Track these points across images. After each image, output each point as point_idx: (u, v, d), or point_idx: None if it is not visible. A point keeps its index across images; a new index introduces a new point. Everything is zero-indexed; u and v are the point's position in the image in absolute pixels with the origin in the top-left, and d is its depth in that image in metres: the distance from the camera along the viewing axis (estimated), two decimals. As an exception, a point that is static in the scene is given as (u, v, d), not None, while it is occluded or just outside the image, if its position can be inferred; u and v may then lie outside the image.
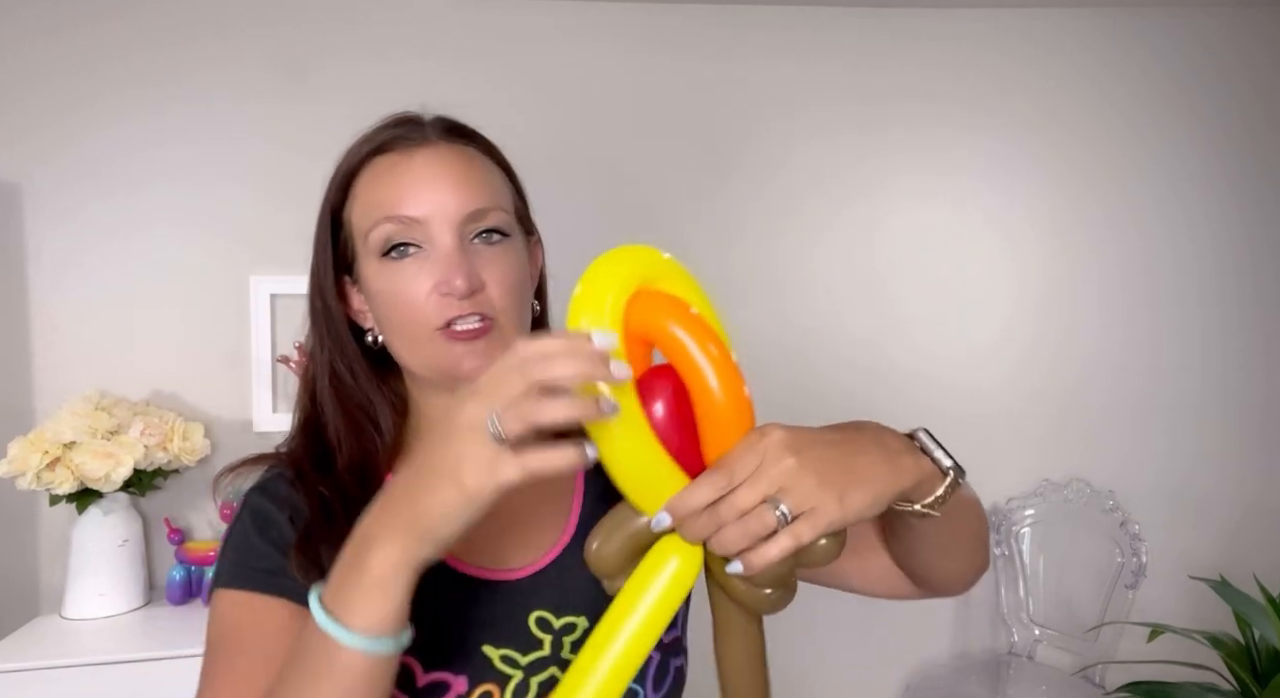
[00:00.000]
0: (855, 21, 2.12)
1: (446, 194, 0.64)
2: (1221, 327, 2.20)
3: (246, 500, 0.69)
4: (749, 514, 0.48)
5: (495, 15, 2.01)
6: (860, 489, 0.50)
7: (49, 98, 1.84)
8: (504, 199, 0.68)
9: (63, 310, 1.85)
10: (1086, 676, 1.99)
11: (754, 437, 0.50)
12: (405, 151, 0.66)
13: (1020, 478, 2.19)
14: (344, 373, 0.71)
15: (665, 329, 0.51)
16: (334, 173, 0.70)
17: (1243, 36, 2.17)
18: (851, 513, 0.49)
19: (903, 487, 0.52)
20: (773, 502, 0.48)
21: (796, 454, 0.49)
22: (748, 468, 0.49)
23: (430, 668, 0.64)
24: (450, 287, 0.62)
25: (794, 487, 0.48)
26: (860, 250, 2.16)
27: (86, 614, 1.66)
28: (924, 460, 0.54)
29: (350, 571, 0.50)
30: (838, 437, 0.52)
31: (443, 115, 0.71)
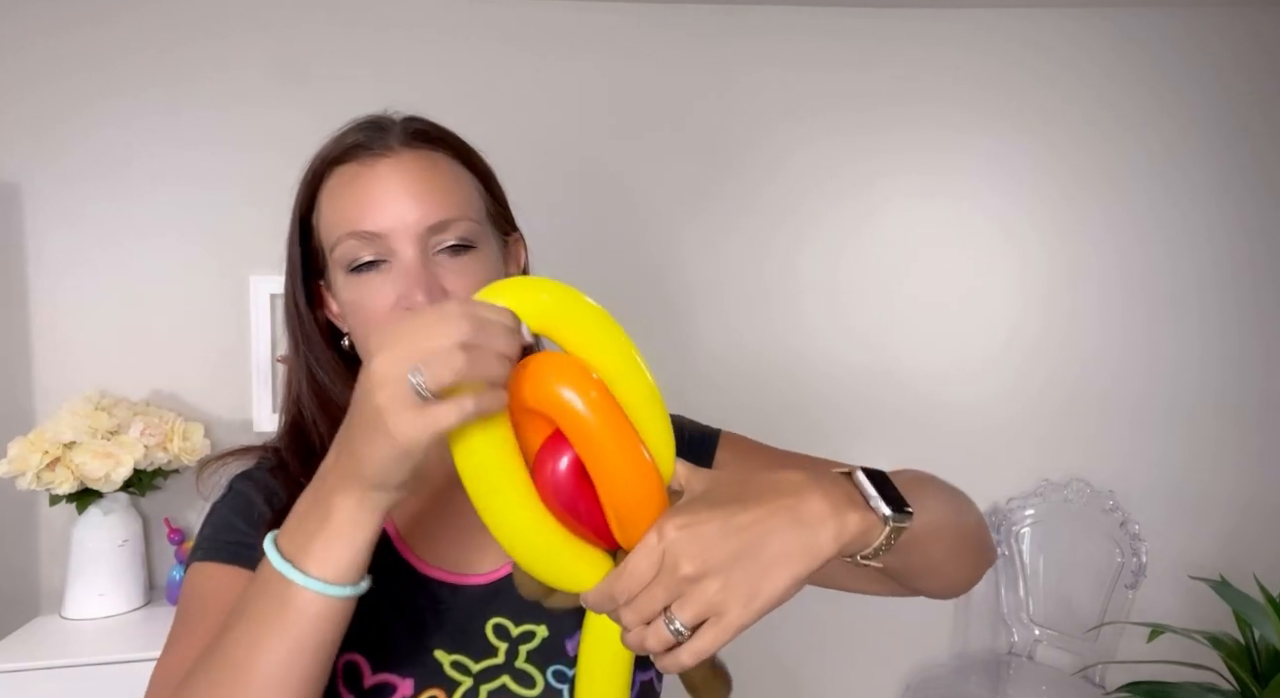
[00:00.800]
0: (853, 22, 2.12)
1: (408, 207, 0.63)
2: (1221, 327, 2.20)
3: (231, 485, 0.70)
4: (647, 625, 0.46)
5: (492, 17, 2.01)
6: (771, 580, 0.45)
7: (49, 98, 1.84)
8: (470, 207, 0.67)
9: (63, 310, 1.85)
10: (1086, 676, 1.99)
11: (653, 538, 0.46)
12: (366, 162, 0.65)
13: (1020, 478, 2.19)
14: (322, 377, 0.71)
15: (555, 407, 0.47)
16: (301, 178, 0.70)
17: (1241, 37, 2.17)
18: (764, 607, 0.45)
19: (825, 557, 0.47)
20: (668, 616, 0.45)
21: (693, 557, 0.44)
22: (641, 578, 0.45)
23: (378, 669, 0.64)
24: (411, 301, 0.62)
25: (691, 596, 0.44)
26: (859, 251, 2.16)
27: (86, 614, 1.66)
28: (852, 517, 0.48)
29: (310, 518, 0.50)
30: (746, 519, 0.46)
31: (412, 116, 0.69)
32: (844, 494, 0.49)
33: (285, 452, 0.70)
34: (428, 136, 0.68)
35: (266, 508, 0.65)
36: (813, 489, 0.48)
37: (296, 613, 0.49)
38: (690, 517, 0.46)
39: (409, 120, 0.69)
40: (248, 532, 0.64)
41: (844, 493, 0.49)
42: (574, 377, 0.47)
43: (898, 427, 2.18)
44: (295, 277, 0.71)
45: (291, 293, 0.71)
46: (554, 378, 0.47)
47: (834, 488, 0.49)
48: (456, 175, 0.67)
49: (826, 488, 0.48)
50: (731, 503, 0.47)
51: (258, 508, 0.66)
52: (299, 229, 0.70)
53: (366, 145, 0.65)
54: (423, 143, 0.67)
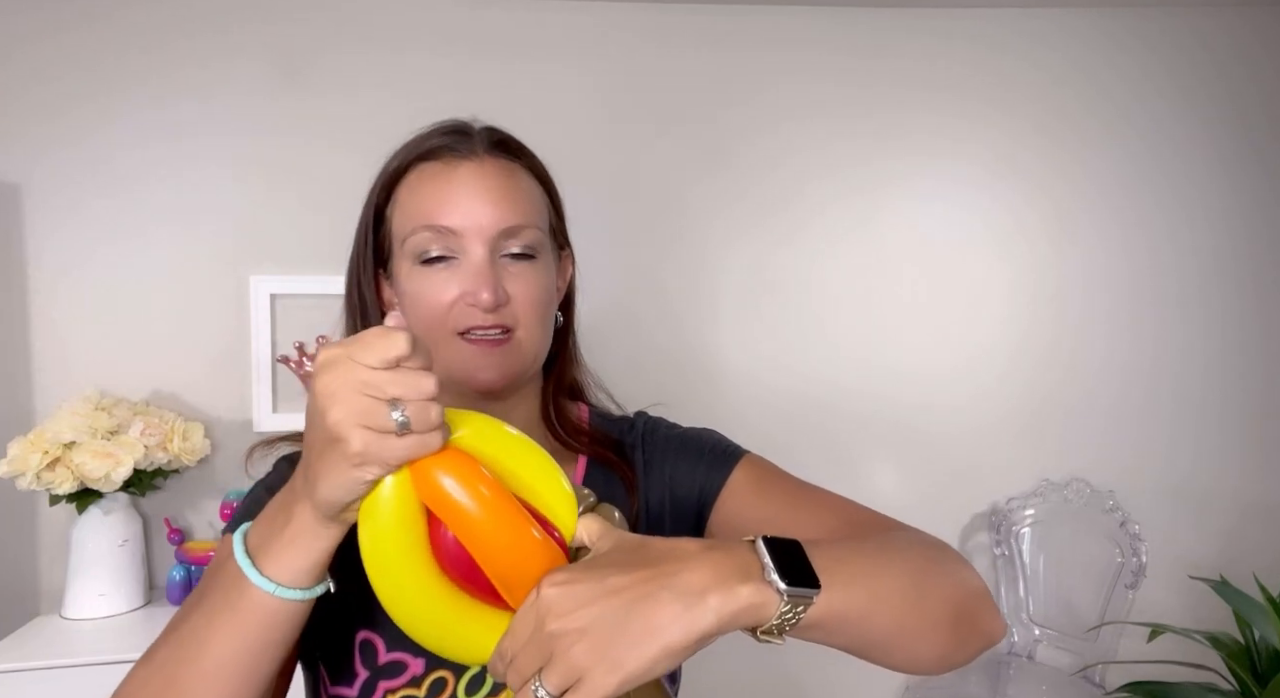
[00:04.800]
0: (855, 23, 2.12)
1: (484, 209, 0.67)
2: (1222, 326, 2.20)
3: (275, 464, 0.73)
4: (523, 687, 0.45)
5: (494, 13, 2.01)
6: (641, 648, 0.43)
7: (49, 98, 1.84)
8: (539, 217, 0.71)
9: (63, 310, 1.85)
10: (1086, 676, 1.99)
11: (531, 596, 0.45)
12: (450, 162, 0.69)
13: (1020, 478, 2.19)
14: None
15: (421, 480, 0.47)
16: (380, 171, 0.72)
17: (1244, 36, 2.17)
18: (629, 677, 0.43)
19: (703, 631, 0.44)
20: (535, 680, 0.44)
21: (559, 616, 0.43)
22: (519, 639, 0.45)
23: (393, 648, 0.66)
24: (476, 299, 0.65)
25: (557, 658, 0.43)
26: (861, 251, 2.16)
27: (86, 614, 1.66)
28: (742, 591, 0.45)
29: (275, 519, 0.51)
30: (621, 582, 0.45)
31: (493, 127, 0.73)
32: (738, 565, 0.46)
33: None
34: (508, 147, 0.72)
35: None
36: (700, 559, 0.46)
37: (247, 609, 0.50)
38: (569, 575, 0.45)
39: (491, 130, 0.73)
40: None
41: (738, 564, 0.47)
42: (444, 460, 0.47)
43: (899, 427, 2.18)
44: (363, 264, 0.73)
45: (356, 279, 0.74)
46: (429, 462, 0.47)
47: (727, 558, 0.47)
48: (530, 187, 0.71)
49: (718, 558, 0.47)
50: (613, 567, 0.46)
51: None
52: (373, 219, 0.72)
53: (451, 147, 0.69)
54: (503, 152, 0.71)
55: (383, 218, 0.72)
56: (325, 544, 0.50)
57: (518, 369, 0.69)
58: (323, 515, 0.49)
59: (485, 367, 0.67)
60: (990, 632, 0.59)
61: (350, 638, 0.66)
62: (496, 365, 0.67)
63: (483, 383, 0.68)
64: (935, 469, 2.20)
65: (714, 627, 0.45)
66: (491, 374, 0.67)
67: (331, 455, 0.45)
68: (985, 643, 0.59)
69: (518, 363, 0.69)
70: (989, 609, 0.59)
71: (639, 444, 0.77)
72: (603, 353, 0.86)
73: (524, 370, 0.71)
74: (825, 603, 0.48)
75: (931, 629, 0.55)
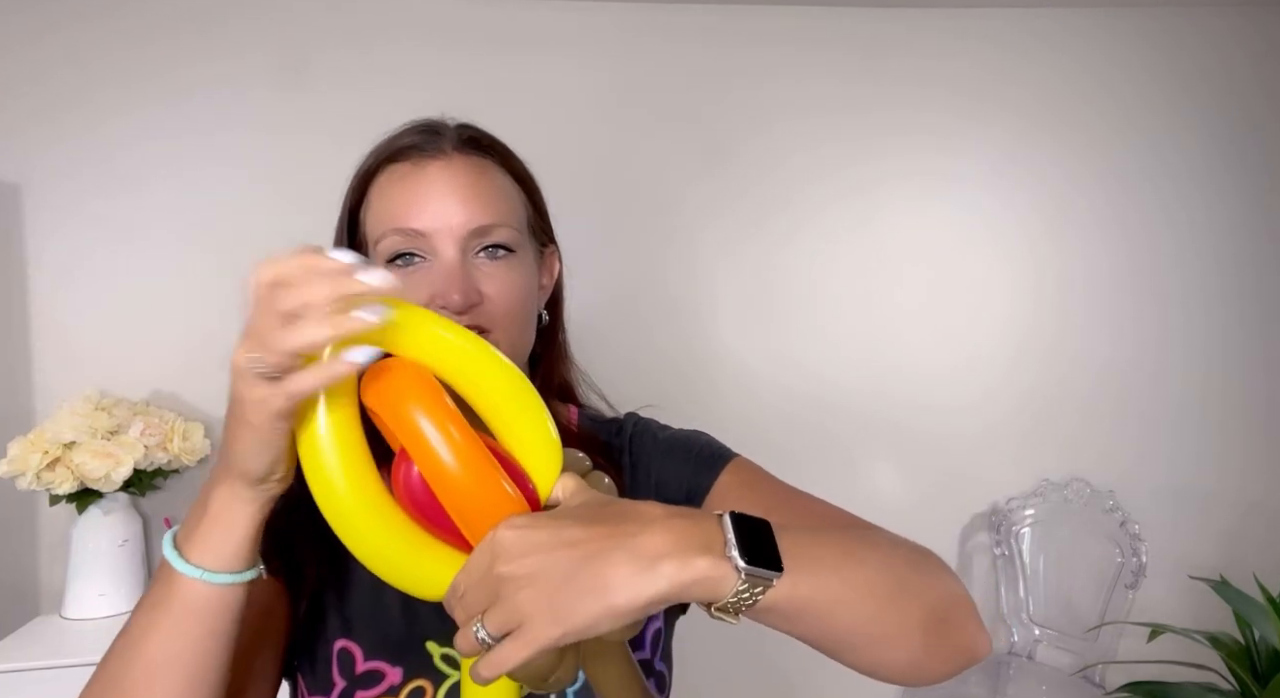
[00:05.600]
0: (854, 23, 2.12)
1: (453, 209, 0.65)
2: (1222, 326, 2.20)
3: None
4: (460, 632, 0.45)
5: (493, 13, 2.01)
6: (585, 602, 0.42)
7: (49, 98, 1.84)
8: (513, 215, 0.69)
9: (63, 310, 1.85)
10: (1086, 676, 1.99)
11: (488, 537, 0.45)
12: (418, 162, 0.67)
13: (1020, 478, 2.19)
14: None
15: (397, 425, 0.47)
16: (354, 173, 0.71)
17: (1244, 35, 2.17)
18: (571, 630, 0.42)
19: (653, 596, 0.43)
20: (477, 620, 0.44)
21: (513, 560, 0.43)
22: (472, 576, 0.45)
23: (370, 656, 0.65)
24: (446, 300, 0.63)
25: (501, 600, 0.43)
26: (861, 251, 2.16)
27: (86, 614, 1.67)
28: (700, 562, 0.44)
29: (196, 508, 0.52)
30: (577, 536, 0.44)
31: (465, 124, 0.71)
32: (700, 536, 0.45)
33: None
34: (479, 144, 0.70)
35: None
36: (662, 524, 0.45)
37: (180, 599, 0.52)
38: (527, 521, 0.45)
39: (463, 127, 0.71)
40: None
41: (701, 535, 0.45)
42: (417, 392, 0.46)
43: (899, 427, 2.18)
44: None
45: None
46: (396, 390, 0.46)
47: (691, 527, 0.46)
48: (503, 183, 0.70)
49: (681, 526, 0.45)
50: (574, 520, 0.46)
51: None
52: (348, 222, 0.71)
53: (420, 147, 0.68)
54: (474, 149, 0.69)
55: (357, 220, 0.71)
56: (246, 521, 0.51)
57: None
58: (242, 487, 0.49)
59: None
60: (970, 645, 0.56)
61: (329, 647, 0.66)
62: None
63: None
64: (935, 469, 2.20)
65: (663, 594, 0.44)
66: None
67: (234, 408, 0.47)
68: (964, 657, 0.55)
69: None
70: (970, 620, 0.56)
71: (627, 447, 0.76)
72: (601, 353, 0.86)
73: None
74: (787, 588, 0.46)
75: (900, 632, 0.52)
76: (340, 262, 0.44)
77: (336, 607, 0.66)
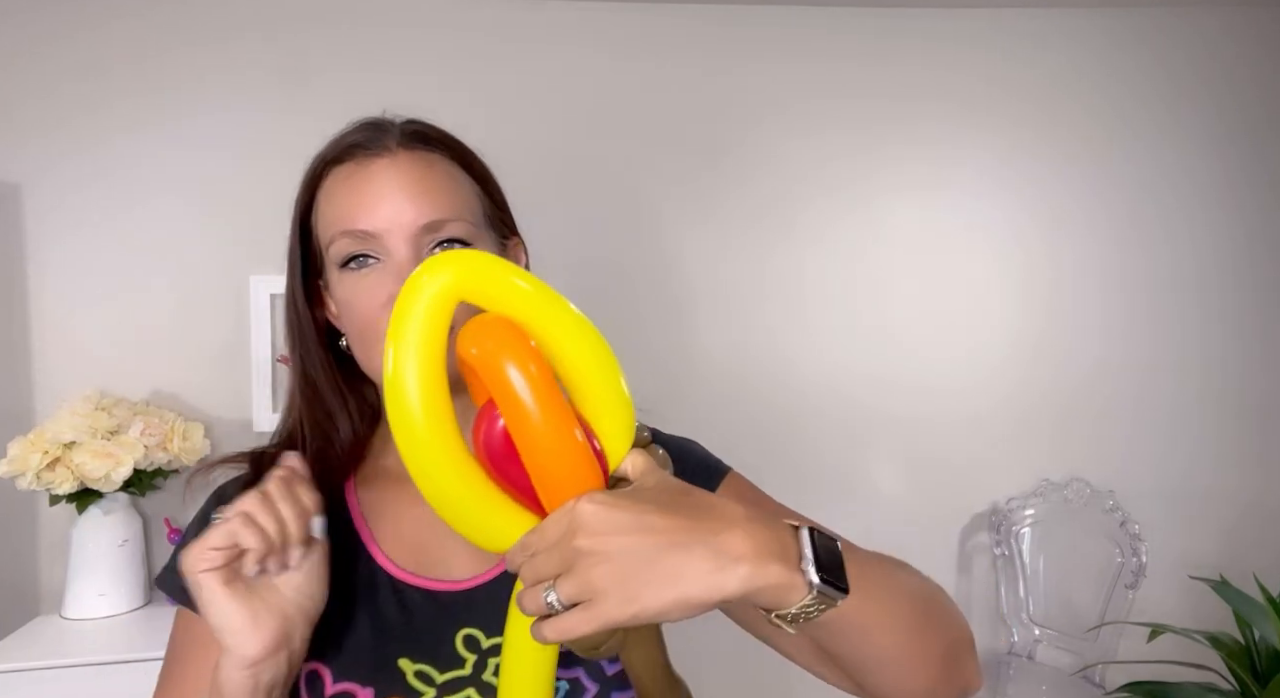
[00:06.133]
0: (852, 22, 2.12)
1: (402, 206, 0.64)
2: (1222, 327, 2.20)
3: (204, 506, 0.71)
4: (527, 591, 0.46)
5: (488, 18, 2.01)
6: (661, 590, 0.43)
7: (50, 98, 1.84)
8: (466, 208, 0.67)
9: (63, 310, 1.85)
10: (1086, 676, 1.99)
11: (568, 506, 0.46)
12: (362, 162, 0.66)
13: (1020, 478, 2.19)
14: (313, 378, 0.72)
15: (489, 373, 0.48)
16: (302, 178, 0.70)
17: (1244, 36, 2.17)
18: (642, 614, 0.43)
19: (726, 594, 0.44)
20: (548, 585, 0.45)
21: (594, 536, 0.44)
22: (547, 539, 0.46)
23: (340, 678, 0.63)
24: None
25: (576, 571, 0.44)
26: (858, 251, 2.16)
27: (86, 614, 1.66)
28: (774, 568, 0.45)
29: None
30: (661, 523, 0.45)
31: (412, 119, 0.70)
32: (778, 544, 0.46)
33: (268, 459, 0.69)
34: (425, 138, 0.68)
35: None
36: (745, 525, 0.46)
37: None
38: (611, 499, 0.46)
39: (408, 122, 0.69)
40: None
41: (778, 543, 0.46)
42: (515, 349, 0.47)
43: (899, 427, 2.18)
44: (295, 276, 0.71)
45: (291, 292, 0.71)
46: (495, 344, 0.47)
47: (770, 535, 0.46)
48: (453, 176, 0.68)
49: (759, 531, 0.46)
50: (656, 506, 0.46)
51: None
52: (299, 229, 0.70)
53: (364, 145, 0.66)
54: (419, 144, 0.67)
55: (308, 226, 0.70)
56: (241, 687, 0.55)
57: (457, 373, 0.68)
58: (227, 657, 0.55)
59: None
60: (970, 681, 0.58)
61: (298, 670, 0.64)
62: None
63: None
64: (935, 469, 2.20)
65: (735, 594, 0.45)
66: None
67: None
68: (965, 692, 0.58)
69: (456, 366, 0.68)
70: (974, 658, 0.59)
71: None
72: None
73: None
74: (846, 607, 0.48)
75: (923, 661, 0.55)
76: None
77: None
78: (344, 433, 0.71)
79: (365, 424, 0.73)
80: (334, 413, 0.71)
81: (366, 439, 0.73)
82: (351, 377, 0.72)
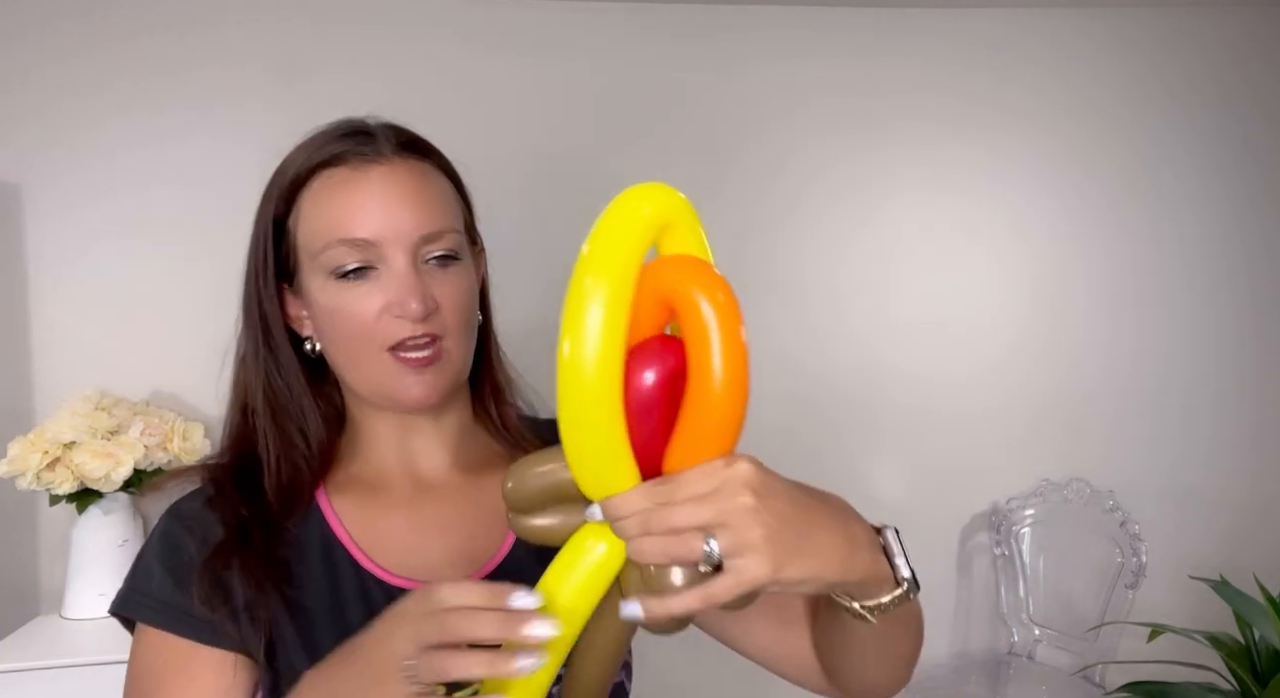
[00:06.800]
0: (853, 22, 2.12)
1: (401, 215, 0.63)
2: (1223, 326, 2.20)
3: (162, 522, 0.68)
4: (678, 534, 0.44)
5: (486, 17, 2.00)
6: (803, 561, 0.45)
7: (50, 98, 1.84)
8: (456, 219, 0.67)
9: (63, 310, 1.85)
10: (1086, 676, 1.99)
11: (720, 463, 0.46)
12: (358, 167, 0.64)
13: (1020, 478, 2.19)
14: (279, 384, 0.70)
15: (694, 308, 0.46)
16: (276, 180, 0.68)
17: (1242, 36, 2.17)
18: (780, 579, 0.44)
19: (849, 578, 0.48)
20: (706, 534, 0.44)
21: (757, 496, 0.44)
22: (695, 490, 0.45)
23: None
24: (405, 310, 0.62)
25: (736, 526, 0.43)
26: (860, 251, 2.16)
27: (86, 614, 1.66)
28: (880, 561, 0.50)
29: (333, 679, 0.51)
30: (806, 500, 0.47)
31: (394, 125, 0.69)
32: (874, 541, 0.51)
33: (224, 469, 0.68)
34: (417, 147, 0.68)
35: (197, 552, 0.63)
36: (858, 520, 0.51)
37: None
38: (764, 467, 0.47)
39: (395, 129, 0.68)
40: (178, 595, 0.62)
41: (873, 539, 0.51)
42: (724, 287, 0.46)
43: (898, 426, 2.18)
44: (264, 279, 0.69)
45: (256, 295, 0.70)
46: (706, 281, 0.46)
47: (865, 532, 0.51)
48: (444, 187, 0.68)
49: (865, 528, 0.51)
50: (796, 486, 0.48)
51: (187, 554, 0.63)
52: (271, 231, 0.68)
53: (357, 151, 0.65)
54: (412, 153, 0.67)
55: (284, 229, 0.67)
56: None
57: (448, 383, 0.67)
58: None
59: (417, 384, 0.64)
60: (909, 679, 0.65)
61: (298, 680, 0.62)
62: (429, 383, 0.64)
63: (414, 403, 0.65)
64: (935, 469, 2.20)
65: (858, 578, 0.48)
66: (422, 392, 0.65)
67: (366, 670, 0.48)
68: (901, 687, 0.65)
69: (448, 376, 0.66)
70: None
71: None
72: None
73: (454, 382, 0.68)
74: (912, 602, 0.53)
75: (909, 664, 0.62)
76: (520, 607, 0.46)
77: (297, 640, 0.63)
78: (314, 441, 0.69)
79: (330, 429, 0.71)
80: (305, 417, 0.69)
81: (333, 445, 0.72)
82: (316, 381, 0.71)
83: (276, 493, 0.66)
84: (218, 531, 0.64)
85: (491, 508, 0.71)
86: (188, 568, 0.62)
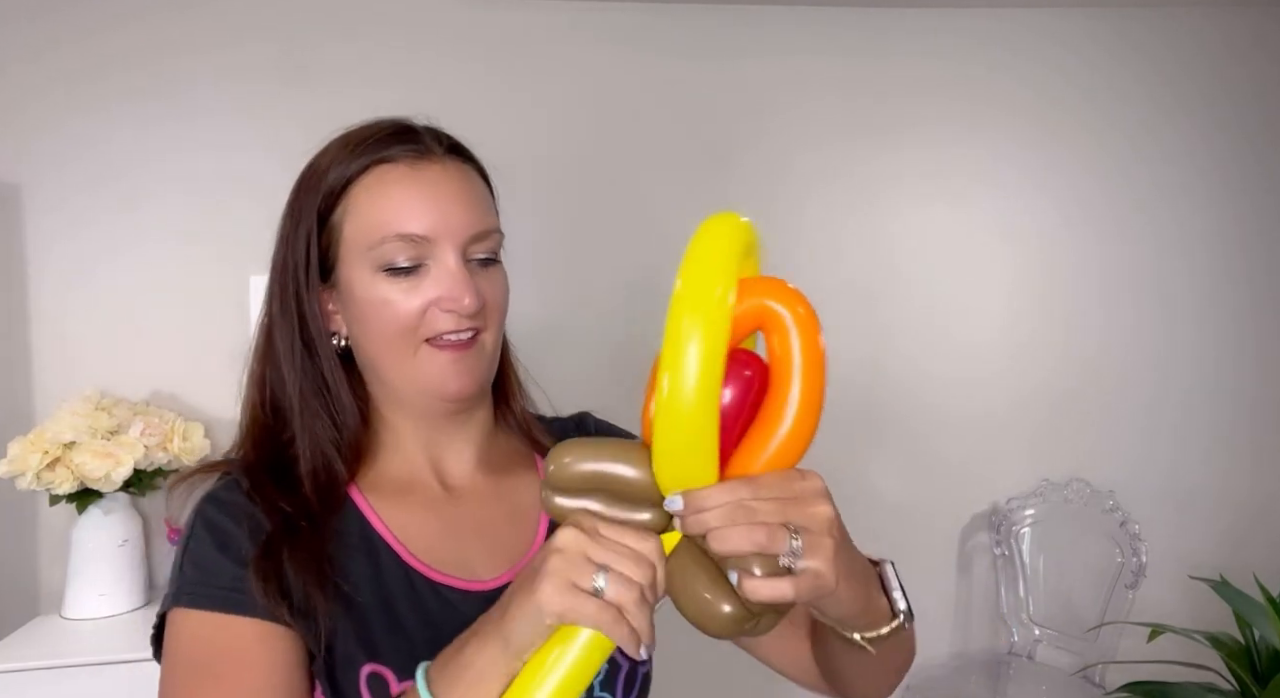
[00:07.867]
0: (854, 22, 2.12)
1: (455, 213, 0.64)
2: (1221, 327, 2.20)
3: (200, 511, 0.66)
4: (764, 526, 0.46)
5: (493, 21, 2.01)
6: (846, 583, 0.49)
7: (51, 99, 1.84)
8: (497, 221, 0.70)
9: (63, 310, 1.85)
10: (1086, 676, 1.99)
11: (796, 472, 0.49)
12: (414, 165, 0.65)
13: (1020, 478, 2.19)
14: (320, 379, 0.69)
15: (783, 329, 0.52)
16: (318, 176, 0.67)
17: (1241, 37, 2.17)
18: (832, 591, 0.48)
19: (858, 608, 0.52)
20: (790, 528, 0.47)
21: (833, 512, 0.49)
22: (779, 492, 0.48)
23: (404, 677, 0.62)
24: (459, 305, 0.63)
25: (817, 532, 0.47)
26: (860, 252, 2.16)
27: (86, 614, 1.66)
28: (880, 596, 0.55)
29: (456, 661, 0.52)
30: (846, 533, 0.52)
31: (435, 128, 0.70)
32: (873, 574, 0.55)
33: (254, 464, 0.68)
34: (461, 150, 0.70)
35: (249, 542, 0.62)
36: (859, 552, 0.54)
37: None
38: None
39: (439, 132, 0.70)
40: (239, 575, 0.61)
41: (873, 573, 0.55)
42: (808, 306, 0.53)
43: (898, 426, 2.18)
44: (305, 274, 0.68)
45: (297, 290, 0.68)
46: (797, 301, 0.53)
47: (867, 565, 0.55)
48: (485, 190, 0.70)
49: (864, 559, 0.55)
50: None
51: (240, 542, 0.62)
52: (316, 227, 0.67)
53: (412, 149, 0.66)
54: (458, 155, 0.69)
55: (327, 225, 0.67)
56: (500, 685, 0.50)
57: (484, 373, 0.69)
58: (509, 658, 0.49)
59: (456, 374, 0.66)
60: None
61: (355, 674, 0.62)
62: (469, 371, 0.66)
63: (455, 392, 0.66)
64: (935, 469, 2.20)
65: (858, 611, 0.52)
66: (463, 381, 0.66)
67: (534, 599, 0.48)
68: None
69: (483, 366, 0.68)
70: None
71: None
72: (600, 356, 0.86)
73: (489, 375, 0.70)
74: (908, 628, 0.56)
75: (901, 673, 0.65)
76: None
77: (355, 633, 0.63)
78: (349, 434, 0.69)
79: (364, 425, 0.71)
80: (345, 412, 0.69)
81: (364, 442, 0.72)
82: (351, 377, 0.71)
83: (314, 488, 0.66)
84: (263, 521, 0.63)
85: (519, 507, 0.73)
86: (244, 555, 0.61)
